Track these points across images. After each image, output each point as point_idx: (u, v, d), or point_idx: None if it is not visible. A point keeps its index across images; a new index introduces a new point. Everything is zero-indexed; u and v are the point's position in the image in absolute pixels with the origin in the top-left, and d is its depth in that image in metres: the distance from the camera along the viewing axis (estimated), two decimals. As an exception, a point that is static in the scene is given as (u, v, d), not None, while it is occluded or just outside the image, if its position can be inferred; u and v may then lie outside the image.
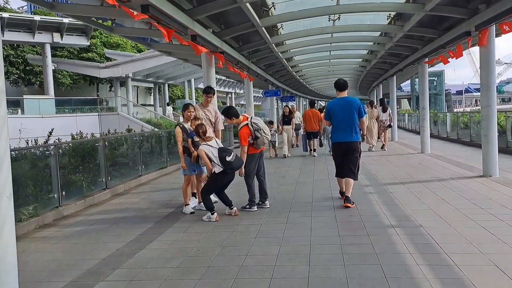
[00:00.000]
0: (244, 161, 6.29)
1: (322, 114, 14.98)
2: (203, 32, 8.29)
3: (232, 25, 9.80)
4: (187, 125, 6.71)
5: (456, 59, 9.44)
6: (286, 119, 14.20)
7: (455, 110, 64.92)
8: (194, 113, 6.84)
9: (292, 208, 6.50)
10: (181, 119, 7.25)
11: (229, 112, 6.62)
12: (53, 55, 27.73)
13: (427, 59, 13.04)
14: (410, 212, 5.84)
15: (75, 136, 11.61)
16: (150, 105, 30.35)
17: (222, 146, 6.32)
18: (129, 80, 24.71)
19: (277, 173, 10.21)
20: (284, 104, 18.49)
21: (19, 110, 22.17)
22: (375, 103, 16.19)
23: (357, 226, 5.32)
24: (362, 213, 5.89)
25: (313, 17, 10.44)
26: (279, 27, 11.58)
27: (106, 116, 21.62)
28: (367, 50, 15.52)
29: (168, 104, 28.51)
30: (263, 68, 16.19)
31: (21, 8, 62.63)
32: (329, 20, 11.17)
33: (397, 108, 20.72)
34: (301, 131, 15.68)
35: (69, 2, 8.16)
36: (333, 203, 6.63)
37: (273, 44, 11.80)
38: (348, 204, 6.30)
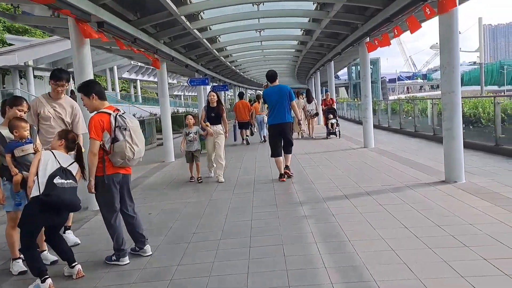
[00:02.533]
0: (92, 177, 3.84)
1: (255, 104, 15.11)
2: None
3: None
4: (5, 131, 4.06)
5: (411, 33, 7.55)
6: (213, 114, 8.10)
7: (390, 97, 66.23)
8: (26, 112, 4.21)
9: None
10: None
11: (88, 87, 4.10)
12: None
13: (368, 39, 11.23)
14: (364, 260, 3.71)
15: None
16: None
17: (74, 161, 3.81)
18: (29, 69, 20.76)
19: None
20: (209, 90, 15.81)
21: None
22: (302, 94, 17.09)
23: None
24: (292, 263, 3.68)
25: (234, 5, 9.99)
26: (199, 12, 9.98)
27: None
28: (302, 30, 13.47)
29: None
30: (182, 52, 13.61)
31: None
32: (253, 5, 10.15)
33: (336, 97, 19.29)
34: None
35: None
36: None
37: (183, 17, 9.30)
38: (288, 172, 7.67)
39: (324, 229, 4.67)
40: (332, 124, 14.49)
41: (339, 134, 14.51)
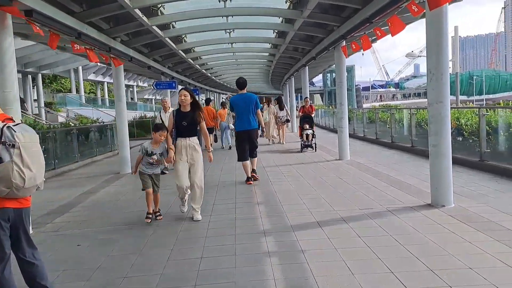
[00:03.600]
0: None
1: (223, 110, 15.13)
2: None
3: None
4: None
5: (392, 35, 6.71)
6: (185, 122, 5.49)
7: (364, 105, 66.49)
8: None
9: None
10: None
11: None
12: None
13: (344, 43, 10.42)
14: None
15: None
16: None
17: None
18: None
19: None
20: (180, 88, 14.62)
21: None
22: (272, 101, 17.09)
23: None
24: None
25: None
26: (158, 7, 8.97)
27: None
28: (274, 32, 12.55)
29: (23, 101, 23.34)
30: (144, 52, 12.45)
31: None
32: (219, 2, 9.48)
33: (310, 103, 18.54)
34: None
35: None
36: None
37: (137, 10, 8.17)
38: (254, 175, 8.01)
39: (291, 274, 3.67)
40: (307, 135, 12.69)
41: (315, 147, 12.74)
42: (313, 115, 13.70)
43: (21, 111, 20.75)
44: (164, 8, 9.14)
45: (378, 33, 7.99)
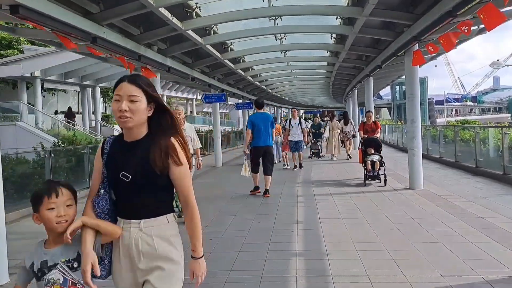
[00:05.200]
0: None
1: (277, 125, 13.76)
2: None
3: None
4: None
5: (487, 29, 4.84)
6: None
7: (437, 120, 61.40)
8: None
9: None
10: None
11: None
12: None
13: (417, 46, 8.53)
14: None
15: None
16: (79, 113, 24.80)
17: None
18: (37, 80, 19.34)
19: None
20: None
21: None
22: (336, 116, 16.93)
23: None
24: None
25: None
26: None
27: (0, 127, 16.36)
28: (332, 37, 10.90)
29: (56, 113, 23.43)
30: (189, 63, 11.43)
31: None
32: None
33: (376, 118, 16.57)
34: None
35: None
36: None
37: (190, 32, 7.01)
38: (268, 195, 8.21)
39: None
40: (373, 163, 9.26)
41: (385, 180, 9.13)
42: (378, 135, 10.18)
43: (69, 123, 20.77)
44: (200, 9, 7.93)
45: (465, 29, 6.08)
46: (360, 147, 9.93)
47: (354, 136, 15.64)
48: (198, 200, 2.12)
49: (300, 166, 12.67)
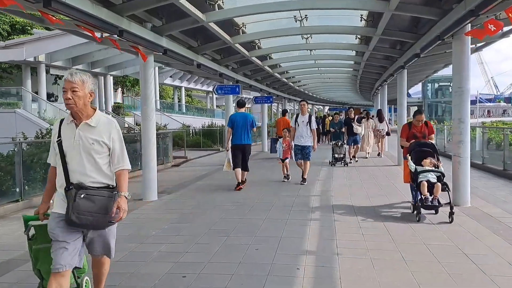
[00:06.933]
0: None
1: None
2: None
3: None
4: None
5: None
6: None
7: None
8: None
9: None
10: None
11: None
12: None
13: (469, 26, 6.73)
14: None
15: None
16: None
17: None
18: (41, 66, 18.14)
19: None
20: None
21: None
22: (371, 114, 16.62)
23: None
24: None
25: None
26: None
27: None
28: (361, 19, 9.14)
29: None
30: (217, 59, 10.15)
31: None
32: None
33: (407, 118, 14.78)
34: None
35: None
36: None
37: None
38: (241, 187, 8.67)
39: None
40: (431, 185, 5.99)
41: (451, 212, 5.84)
42: (432, 140, 6.97)
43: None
44: (223, 3, 6.66)
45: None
46: (407, 156, 6.45)
47: (388, 134, 15.58)
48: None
49: (303, 181, 9.27)
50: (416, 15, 7.92)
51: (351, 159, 13.63)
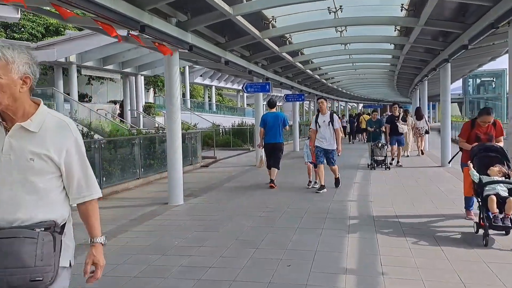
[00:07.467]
0: None
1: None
2: None
3: None
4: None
5: None
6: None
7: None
8: None
9: None
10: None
11: None
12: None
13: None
14: None
15: None
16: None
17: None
18: (72, 66, 18.27)
19: None
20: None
21: None
22: (410, 112, 16.10)
23: None
24: None
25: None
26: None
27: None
28: (402, 7, 8.39)
29: (115, 103, 22.93)
30: (246, 56, 9.76)
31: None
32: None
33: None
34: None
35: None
36: None
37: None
38: (273, 185, 8.66)
39: None
40: (503, 200, 4.81)
41: None
42: (501, 143, 5.62)
43: (121, 115, 20.06)
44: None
45: None
46: (468, 163, 5.28)
47: (427, 132, 15.13)
48: None
49: (335, 185, 8.56)
50: (465, 1, 7.09)
51: (391, 162, 12.15)
